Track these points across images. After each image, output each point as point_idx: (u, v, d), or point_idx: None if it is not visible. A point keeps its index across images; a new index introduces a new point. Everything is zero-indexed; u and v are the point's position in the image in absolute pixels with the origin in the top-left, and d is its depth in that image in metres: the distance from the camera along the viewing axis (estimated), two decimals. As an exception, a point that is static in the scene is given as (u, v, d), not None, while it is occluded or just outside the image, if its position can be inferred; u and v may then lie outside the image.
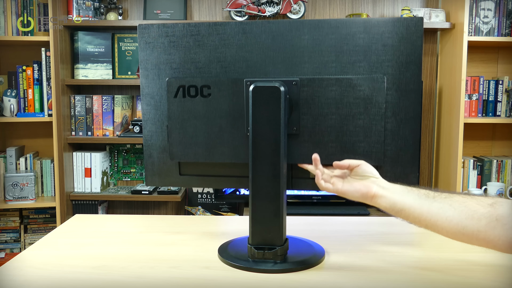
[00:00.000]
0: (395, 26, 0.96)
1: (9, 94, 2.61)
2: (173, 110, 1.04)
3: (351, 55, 0.98)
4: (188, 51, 1.03)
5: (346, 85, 0.96)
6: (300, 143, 1.00)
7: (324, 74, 0.98)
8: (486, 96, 2.65)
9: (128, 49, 2.78)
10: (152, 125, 1.08)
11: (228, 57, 1.02)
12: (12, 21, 2.63)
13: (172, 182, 1.10)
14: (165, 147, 1.08)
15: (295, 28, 0.99)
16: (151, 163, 1.10)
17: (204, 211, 2.84)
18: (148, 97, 1.07)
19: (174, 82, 1.02)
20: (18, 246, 2.76)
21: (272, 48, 1.00)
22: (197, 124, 1.03)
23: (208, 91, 1.01)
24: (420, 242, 1.17)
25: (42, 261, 1.00)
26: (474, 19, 2.57)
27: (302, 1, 2.64)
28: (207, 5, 2.79)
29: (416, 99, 0.97)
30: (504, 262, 0.99)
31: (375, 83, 0.96)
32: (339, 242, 1.12)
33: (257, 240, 0.97)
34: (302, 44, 0.99)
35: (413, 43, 0.96)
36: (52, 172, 2.72)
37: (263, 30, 1.00)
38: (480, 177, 2.72)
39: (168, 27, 1.04)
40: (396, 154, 0.98)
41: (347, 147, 0.98)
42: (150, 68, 1.06)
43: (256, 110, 0.93)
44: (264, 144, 0.94)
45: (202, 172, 1.08)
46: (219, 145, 1.03)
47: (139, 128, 2.68)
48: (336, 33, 0.98)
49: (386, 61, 0.97)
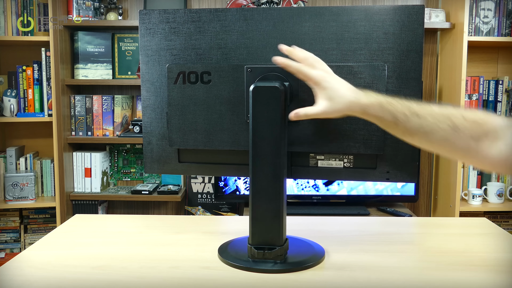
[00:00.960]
0: (396, 13, 0.96)
1: (9, 94, 2.61)
2: (173, 96, 1.03)
3: (352, 43, 0.97)
4: (189, 37, 1.03)
5: (347, 72, 0.96)
6: (301, 130, 0.99)
7: (325, 61, 0.97)
8: (486, 96, 2.65)
9: (128, 49, 2.78)
10: (151, 112, 1.08)
11: (229, 44, 1.02)
12: (12, 21, 2.63)
13: (171, 169, 1.09)
14: (164, 134, 1.08)
15: (296, 15, 0.99)
16: (150, 150, 1.09)
17: (204, 211, 2.84)
18: (148, 83, 1.07)
19: (175, 68, 1.02)
20: (18, 246, 2.76)
21: (273, 35, 1.00)
22: (197, 110, 1.03)
23: (208, 77, 1.01)
24: (420, 242, 1.17)
25: (42, 261, 1.00)
26: (474, 19, 2.57)
27: (302, 1, 2.64)
28: (207, 5, 2.79)
29: (417, 87, 0.97)
30: (504, 262, 0.99)
31: (376, 71, 0.96)
32: (339, 242, 1.12)
33: (257, 240, 0.97)
34: (303, 31, 0.99)
35: (414, 31, 0.96)
36: (52, 172, 2.72)
37: (264, 16, 1.00)
38: (480, 177, 2.72)
39: (169, 13, 1.04)
40: (396, 141, 0.98)
41: (347, 134, 0.97)
42: (151, 54, 1.06)
43: (256, 110, 0.93)
44: (264, 144, 0.94)
45: (201, 159, 1.08)
46: (219, 132, 1.03)
47: (139, 128, 2.68)
48: (337, 20, 0.97)
49: (387, 49, 0.97)
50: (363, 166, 1.01)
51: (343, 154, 1.01)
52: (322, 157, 1.02)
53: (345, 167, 1.02)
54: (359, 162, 1.01)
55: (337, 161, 1.02)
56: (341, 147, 0.99)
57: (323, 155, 1.02)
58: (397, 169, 0.99)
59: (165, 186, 2.75)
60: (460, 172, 2.54)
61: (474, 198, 2.62)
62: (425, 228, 1.31)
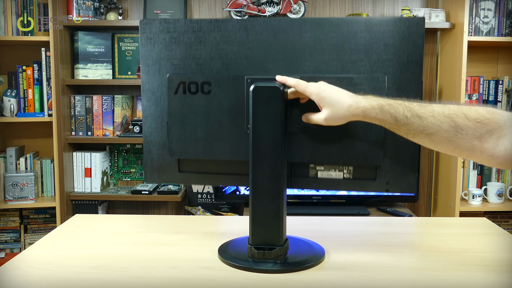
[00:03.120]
0: (397, 25, 0.96)
1: (9, 94, 2.61)
2: (173, 106, 1.03)
3: (352, 54, 0.97)
4: (189, 47, 1.03)
5: (347, 84, 0.96)
6: (300, 141, 0.99)
7: (325, 72, 0.98)
8: (486, 96, 2.65)
9: (128, 49, 2.78)
10: (152, 121, 1.08)
11: (229, 54, 1.02)
12: (12, 21, 2.63)
13: (171, 178, 1.10)
14: (164, 143, 1.08)
15: (296, 26, 0.99)
16: (151, 159, 1.10)
17: (204, 211, 2.84)
18: (149, 93, 1.07)
19: (175, 78, 1.02)
20: (18, 246, 2.76)
21: (273, 45, 1.00)
22: (197, 120, 1.03)
23: (208, 87, 1.01)
24: (420, 242, 1.17)
25: (42, 261, 1.00)
26: (474, 19, 2.57)
27: (302, 1, 2.64)
28: (207, 5, 2.79)
29: (417, 98, 0.97)
30: (504, 262, 0.99)
31: (375, 82, 0.96)
32: (339, 242, 1.12)
33: (257, 240, 0.97)
34: (303, 42, 0.99)
35: (414, 42, 0.96)
36: (52, 172, 2.72)
37: (265, 27, 1.00)
38: (480, 177, 2.72)
39: (170, 23, 1.04)
40: (395, 153, 0.98)
41: (347, 146, 0.97)
42: (151, 64, 1.06)
43: (256, 110, 0.93)
44: (264, 144, 0.94)
45: (202, 169, 1.08)
46: (219, 142, 1.03)
47: (139, 128, 2.68)
48: (337, 31, 0.98)
49: (387, 61, 0.97)
50: (362, 177, 1.01)
51: (343, 165, 1.01)
52: (321, 168, 1.02)
53: (345, 178, 1.02)
54: (358, 173, 1.01)
55: (336, 172, 1.02)
56: (340, 158, 0.99)
57: (322, 166, 1.02)
58: (397, 180, 0.99)
59: (165, 186, 2.75)
60: (460, 172, 2.54)
61: (474, 198, 2.62)
62: (425, 228, 1.31)
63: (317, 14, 2.79)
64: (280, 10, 2.63)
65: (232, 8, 2.63)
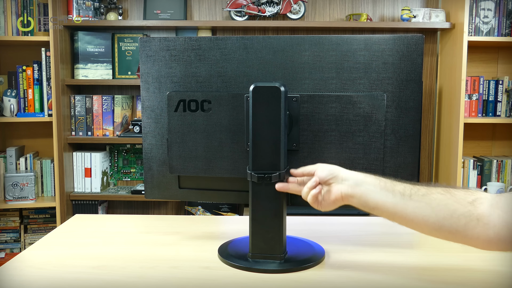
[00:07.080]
0: (396, 43, 0.96)
1: (9, 94, 2.61)
2: (173, 124, 1.04)
3: (352, 72, 0.98)
4: (189, 65, 1.04)
5: (346, 102, 0.96)
6: (300, 159, 0.99)
7: (324, 90, 0.98)
8: (486, 96, 2.65)
9: (128, 49, 2.78)
10: (152, 138, 1.08)
11: (229, 72, 1.02)
12: (12, 21, 2.63)
13: (171, 195, 1.10)
14: (165, 160, 1.08)
15: (296, 44, 0.99)
16: (151, 176, 1.10)
17: (204, 211, 2.84)
18: (149, 110, 1.07)
19: (175, 96, 1.03)
20: (18, 246, 2.76)
21: (272, 63, 1.00)
22: (197, 138, 1.03)
23: (208, 105, 1.01)
24: (420, 242, 1.17)
25: (42, 261, 1.00)
26: (474, 19, 2.57)
27: (302, 1, 2.64)
28: (207, 5, 2.79)
29: (416, 116, 0.97)
30: (504, 262, 0.99)
31: (375, 101, 0.96)
32: (339, 242, 1.12)
33: (257, 241, 0.97)
34: (302, 60, 0.99)
35: (413, 61, 0.96)
36: (52, 172, 2.72)
37: (264, 45, 1.00)
38: (480, 177, 2.72)
39: (169, 40, 1.04)
40: (395, 171, 0.98)
41: (346, 163, 0.97)
42: (151, 81, 1.06)
43: (256, 110, 0.93)
44: (264, 143, 0.94)
45: (202, 186, 1.08)
46: (219, 160, 1.03)
47: (139, 128, 2.68)
48: (336, 49, 0.98)
49: (386, 79, 0.97)
50: None
51: None
52: None
53: None
54: None
55: None
56: None
57: None
58: None
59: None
60: (460, 172, 2.54)
61: (474, 198, 2.61)
62: (425, 228, 1.31)
63: (317, 14, 2.79)
64: (280, 10, 2.63)
65: (232, 8, 2.63)
